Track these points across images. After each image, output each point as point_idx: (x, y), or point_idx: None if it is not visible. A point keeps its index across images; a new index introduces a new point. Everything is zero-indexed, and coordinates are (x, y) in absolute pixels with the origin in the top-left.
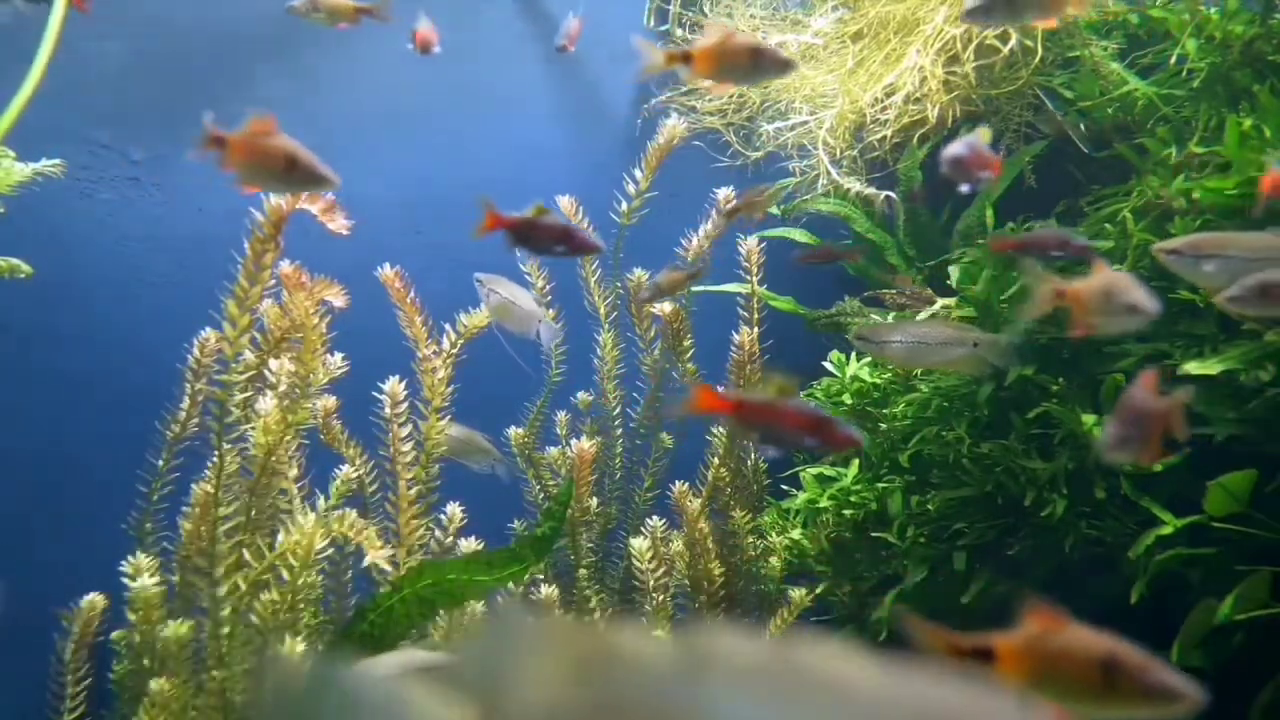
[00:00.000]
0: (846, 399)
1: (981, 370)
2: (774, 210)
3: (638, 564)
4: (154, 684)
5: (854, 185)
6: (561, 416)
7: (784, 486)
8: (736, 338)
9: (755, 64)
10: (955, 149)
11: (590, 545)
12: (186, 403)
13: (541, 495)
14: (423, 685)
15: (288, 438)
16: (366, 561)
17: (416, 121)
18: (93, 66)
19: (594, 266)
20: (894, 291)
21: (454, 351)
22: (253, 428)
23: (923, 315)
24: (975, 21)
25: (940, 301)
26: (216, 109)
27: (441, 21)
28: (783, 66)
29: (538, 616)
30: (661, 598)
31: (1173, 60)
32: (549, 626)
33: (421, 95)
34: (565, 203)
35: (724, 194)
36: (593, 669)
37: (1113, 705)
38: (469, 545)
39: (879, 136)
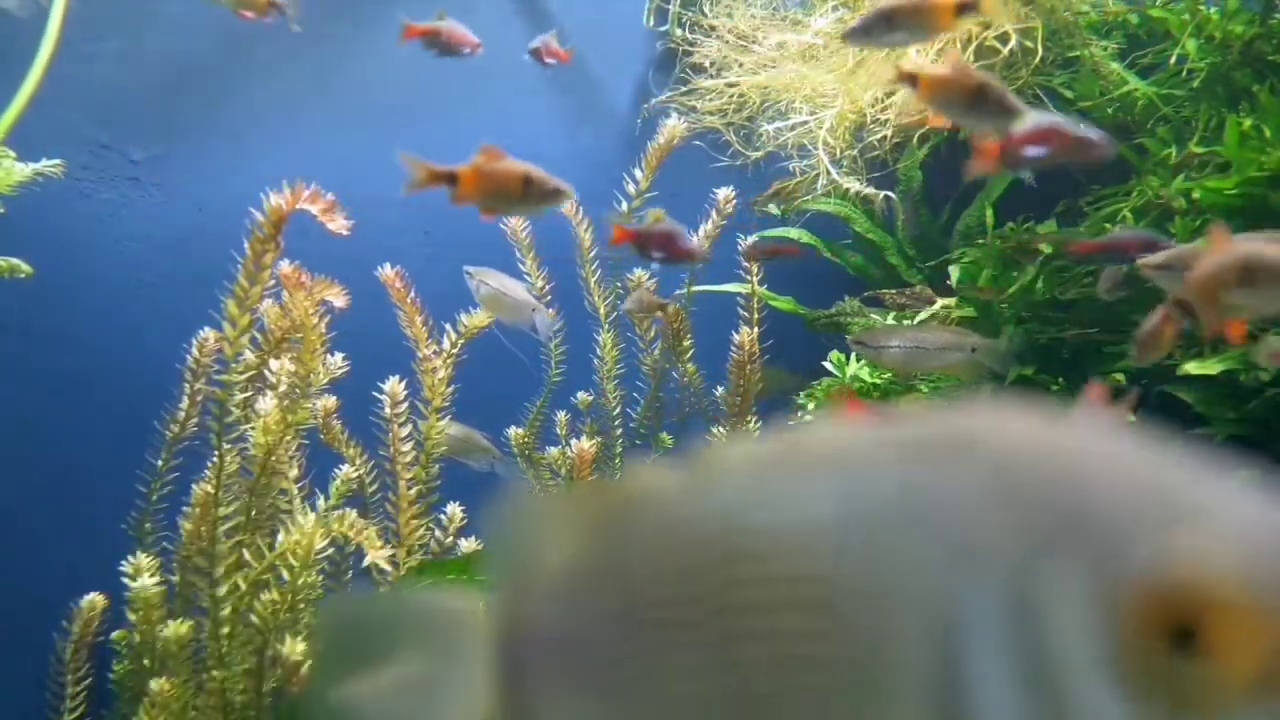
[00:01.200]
0: None
1: (979, 376)
2: (773, 210)
3: None
4: (154, 684)
5: (854, 185)
6: (561, 416)
7: None
8: (736, 338)
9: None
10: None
11: None
12: (186, 403)
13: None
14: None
15: (288, 438)
16: (366, 561)
17: (416, 121)
18: (93, 66)
19: (594, 267)
20: (894, 291)
21: (454, 351)
22: (252, 428)
23: (921, 316)
24: (855, 43)
25: (940, 301)
26: (216, 109)
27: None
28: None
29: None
30: None
31: (1173, 60)
32: (562, 495)
33: (421, 95)
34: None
35: (724, 194)
36: (607, 518)
37: None
38: (469, 545)
39: (879, 136)
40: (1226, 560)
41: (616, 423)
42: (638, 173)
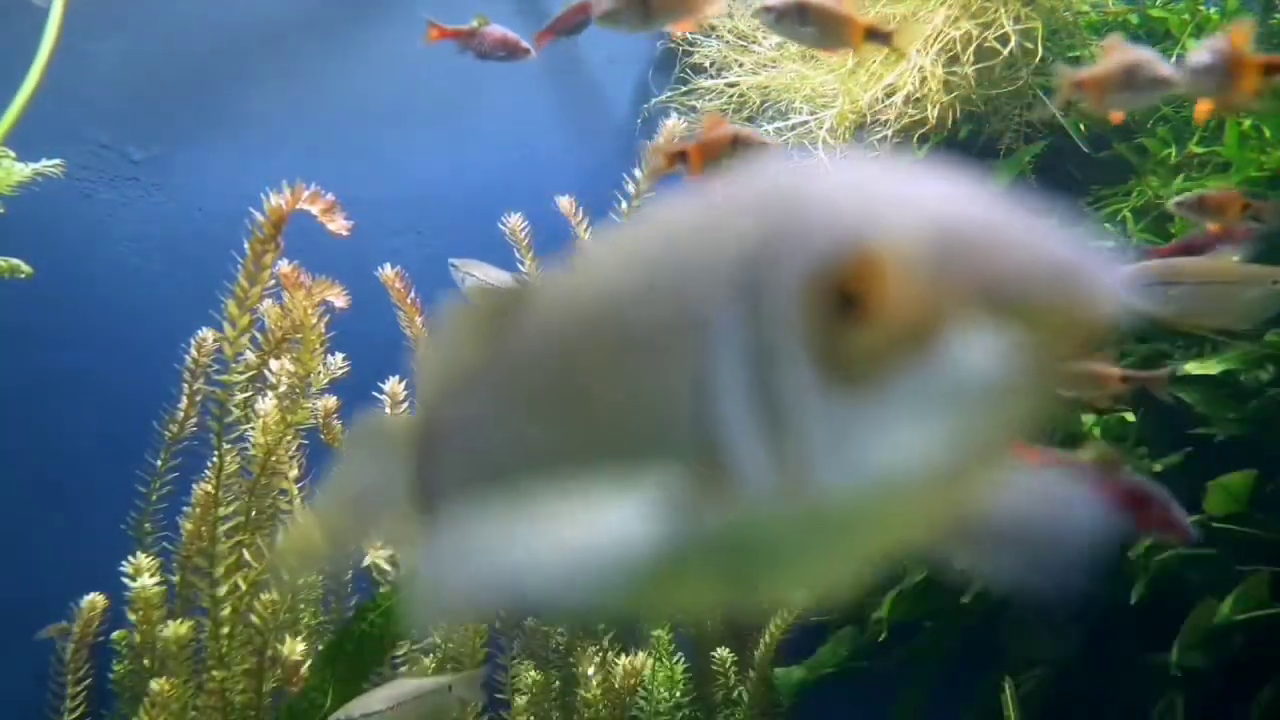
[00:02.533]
0: None
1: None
2: None
3: None
4: (154, 684)
5: None
6: None
7: None
8: None
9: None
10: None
11: None
12: (184, 403)
13: None
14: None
15: (288, 438)
16: (366, 561)
17: (416, 121)
18: (93, 66)
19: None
20: None
21: None
22: (252, 428)
23: None
24: (607, 26)
25: None
26: (216, 109)
27: (440, 21)
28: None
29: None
30: None
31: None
32: (465, 309)
33: (421, 95)
34: (565, 203)
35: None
36: (493, 324)
37: None
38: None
39: (879, 136)
40: (884, 232)
41: None
42: (638, 173)
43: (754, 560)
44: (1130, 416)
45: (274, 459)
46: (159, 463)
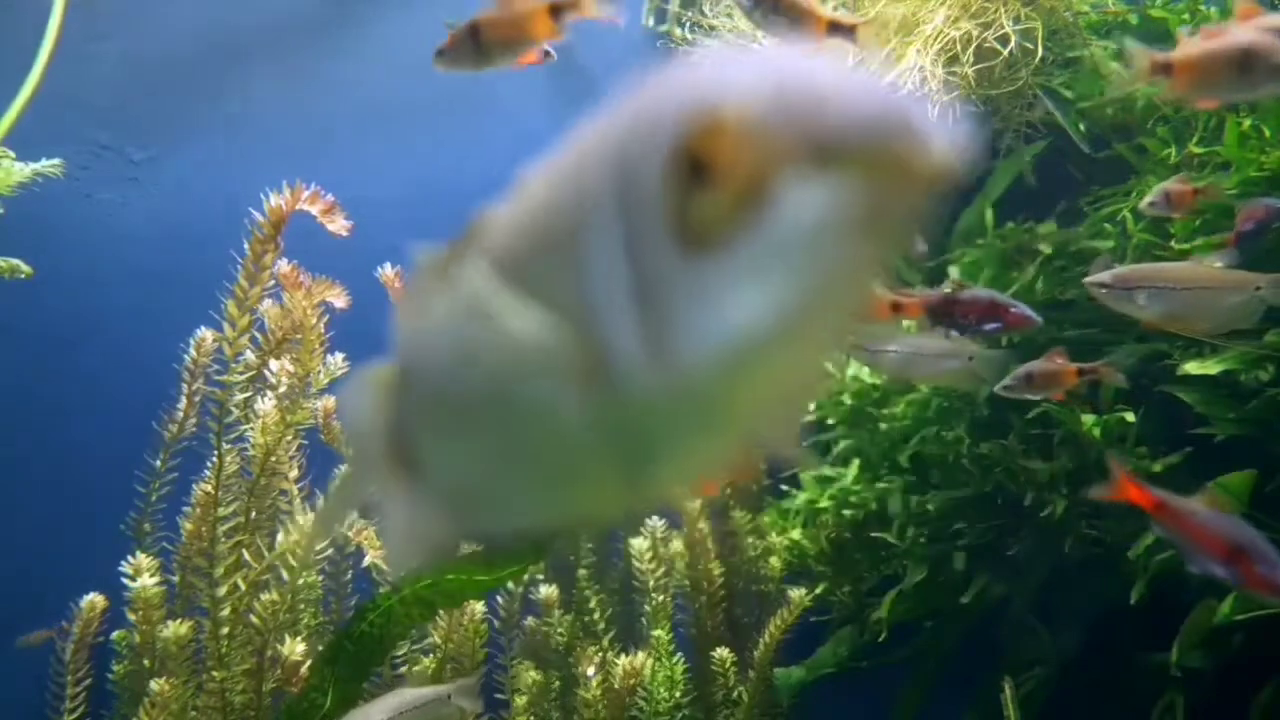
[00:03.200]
0: (846, 399)
1: (976, 384)
2: None
3: (637, 564)
4: (154, 684)
5: None
6: None
7: (784, 486)
8: None
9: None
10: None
11: (590, 545)
12: (184, 403)
13: None
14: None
15: (287, 438)
16: (366, 561)
17: (416, 121)
18: (93, 66)
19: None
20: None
21: None
22: (252, 428)
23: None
24: (444, 68)
25: None
26: (217, 109)
27: (440, 21)
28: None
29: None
30: (661, 598)
31: None
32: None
33: (421, 95)
34: None
35: None
36: (431, 294)
37: None
38: (468, 545)
39: None
40: (724, 95)
41: None
42: None
43: (639, 444)
44: (1130, 416)
45: (274, 459)
46: (159, 463)
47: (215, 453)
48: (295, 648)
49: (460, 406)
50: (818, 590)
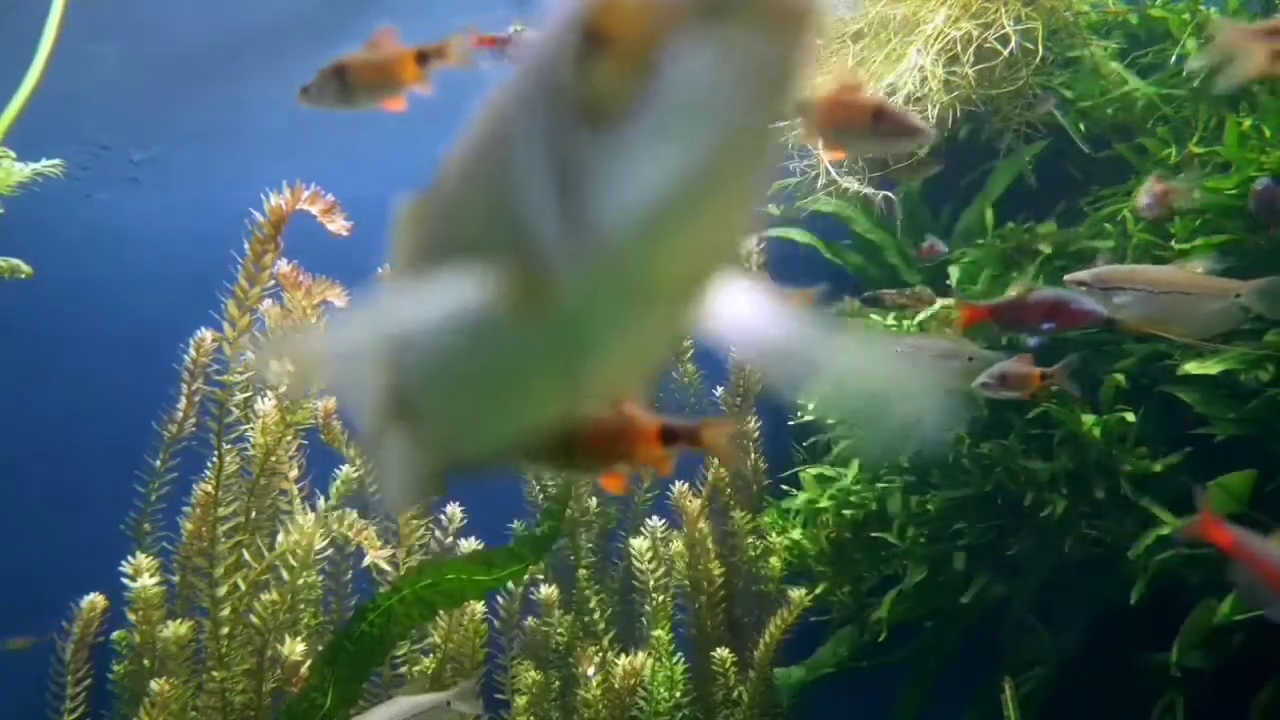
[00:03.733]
0: None
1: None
2: (773, 210)
3: (637, 564)
4: (154, 684)
5: (854, 185)
6: None
7: (784, 486)
8: None
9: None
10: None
11: (590, 545)
12: (183, 403)
13: (541, 495)
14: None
15: (287, 438)
16: (366, 561)
17: (416, 122)
18: (92, 67)
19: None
20: (894, 291)
21: None
22: (252, 428)
23: (921, 315)
24: (309, 105)
25: (940, 302)
26: (216, 109)
27: (439, 22)
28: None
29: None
30: (661, 598)
31: (1173, 60)
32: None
33: (420, 96)
34: None
35: None
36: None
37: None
38: (469, 545)
39: None
40: None
41: None
42: None
43: (575, 343)
44: (1130, 416)
45: (274, 459)
46: (158, 463)
47: (215, 453)
48: (295, 648)
49: (435, 358)
50: (818, 590)
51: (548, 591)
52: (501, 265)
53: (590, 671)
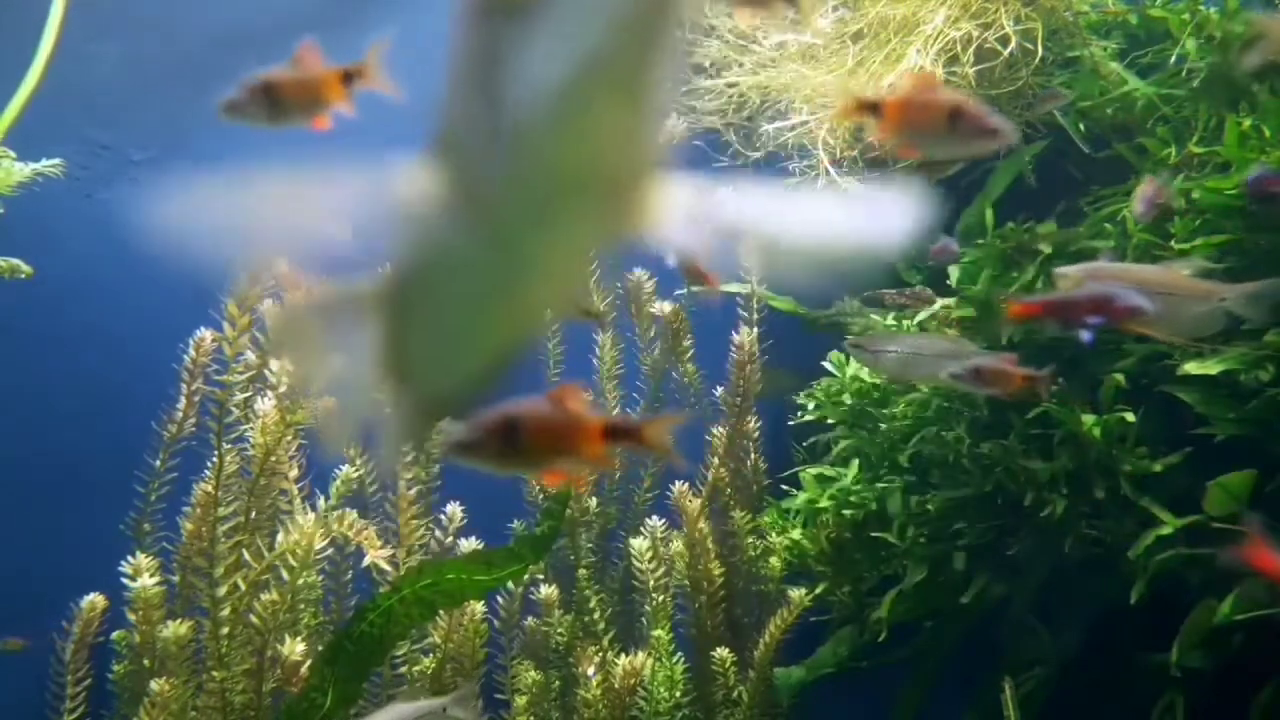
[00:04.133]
0: (846, 399)
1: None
2: None
3: (637, 564)
4: (154, 684)
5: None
6: None
7: (784, 486)
8: (736, 338)
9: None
10: None
11: (590, 545)
12: (184, 403)
13: (541, 495)
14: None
15: (287, 438)
16: (366, 561)
17: (416, 122)
18: (93, 66)
19: (593, 267)
20: (894, 291)
21: None
22: (252, 428)
23: (921, 315)
24: (231, 119)
25: (940, 302)
26: (216, 109)
27: (439, 22)
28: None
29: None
30: (661, 598)
31: (1173, 60)
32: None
33: (420, 96)
34: None
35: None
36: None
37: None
38: (469, 545)
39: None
40: None
41: None
42: None
43: (508, 246)
44: (1130, 416)
45: (274, 459)
46: (158, 463)
47: (215, 453)
48: (295, 648)
49: (417, 290)
50: (818, 590)
51: (548, 591)
52: (440, 157)
53: (590, 671)
